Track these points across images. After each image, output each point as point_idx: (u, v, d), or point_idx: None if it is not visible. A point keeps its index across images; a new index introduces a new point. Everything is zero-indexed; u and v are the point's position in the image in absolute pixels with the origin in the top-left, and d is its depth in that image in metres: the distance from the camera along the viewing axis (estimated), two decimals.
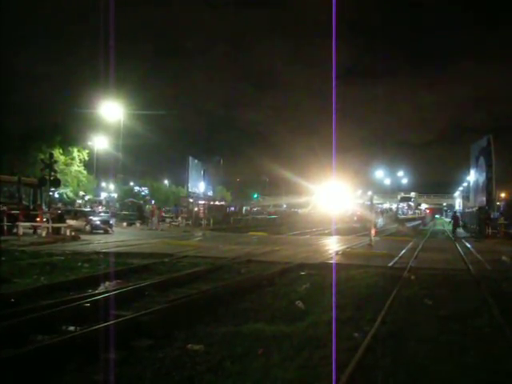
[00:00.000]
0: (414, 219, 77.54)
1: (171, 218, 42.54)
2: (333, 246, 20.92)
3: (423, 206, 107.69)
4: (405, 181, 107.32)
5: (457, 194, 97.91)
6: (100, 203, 50.19)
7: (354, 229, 40.07)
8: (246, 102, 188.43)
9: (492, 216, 31.36)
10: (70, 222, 25.72)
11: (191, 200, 46.99)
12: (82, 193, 50.21)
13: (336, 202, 45.65)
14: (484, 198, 32.97)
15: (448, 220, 58.96)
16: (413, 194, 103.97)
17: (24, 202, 25.25)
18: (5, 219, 21.85)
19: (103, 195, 59.62)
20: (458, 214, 35.34)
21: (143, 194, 76.20)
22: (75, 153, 46.23)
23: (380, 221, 48.34)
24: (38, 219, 23.54)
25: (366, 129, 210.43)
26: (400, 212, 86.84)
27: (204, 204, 46.93)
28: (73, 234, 22.34)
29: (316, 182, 43.32)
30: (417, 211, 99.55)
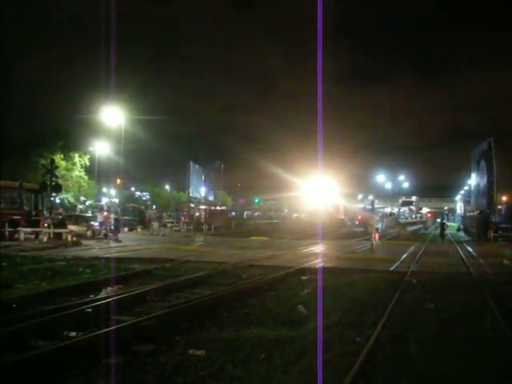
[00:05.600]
0: (415, 223, 77.39)
1: (172, 223, 42.57)
2: (334, 250, 20.88)
3: (424, 210, 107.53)
4: (406, 185, 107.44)
5: (458, 197, 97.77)
6: (102, 208, 50.26)
7: (355, 233, 40.03)
8: (246, 107, 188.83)
9: (494, 219, 31.38)
10: (71, 227, 25.76)
11: (192, 205, 47.01)
12: (83, 198, 50.28)
13: (334, 206, 45.37)
14: (485, 202, 32.98)
15: (449, 223, 59.07)
16: (414, 198, 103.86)
17: (25, 208, 25.27)
18: (6, 225, 21.90)
19: (104, 200, 59.64)
20: (444, 221, 41.05)
21: (144, 199, 76.24)
22: (76, 158, 46.32)
23: (381, 225, 48.11)
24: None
25: (366, 133, 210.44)
26: (401, 216, 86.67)
27: (205, 209, 46.94)
28: (74, 239, 22.35)
29: (316, 186, 43.44)
30: (418, 215, 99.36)
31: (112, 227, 26.71)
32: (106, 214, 27.62)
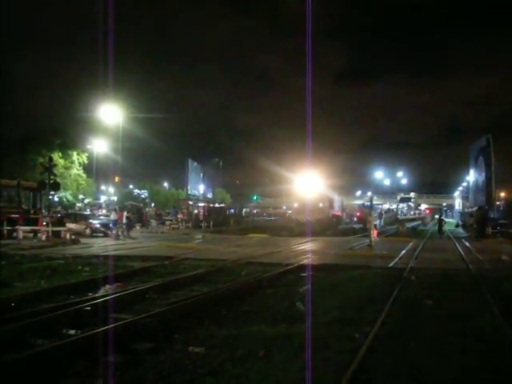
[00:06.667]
0: (414, 220, 77.42)
1: (171, 220, 42.55)
2: (333, 247, 20.89)
3: (423, 207, 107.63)
4: (404, 181, 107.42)
5: (456, 193, 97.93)
6: (100, 206, 50.35)
7: (353, 230, 40.01)
8: (244, 105, 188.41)
9: (492, 215, 31.46)
10: (70, 225, 25.73)
11: (191, 202, 46.98)
12: (81, 196, 50.21)
13: (328, 200, 41.14)
14: (483, 198, 33.01)
15: (447, 220, 59.20)
16: (412, 195, 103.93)
17: (24, 206, 25.24)
18: (5, 223, 21.86)
19: (103, 198, 59.61)
20: (442, 217, 41.70)
21: (143, 196, 76.18)
22: (74, 156, 46.22)
23: (379, 221, 47.99)
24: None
25: (364, 129, 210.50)
26: (400, 212, 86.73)
27: (204, 206, 46.90)
28: (73, 237, 22.33)
29: (308, 180, 39.84)
30: (417, 212, 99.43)
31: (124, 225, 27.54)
32: (119, 212, 28.59)
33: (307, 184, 37.93)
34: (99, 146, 50.41)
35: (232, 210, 58.52)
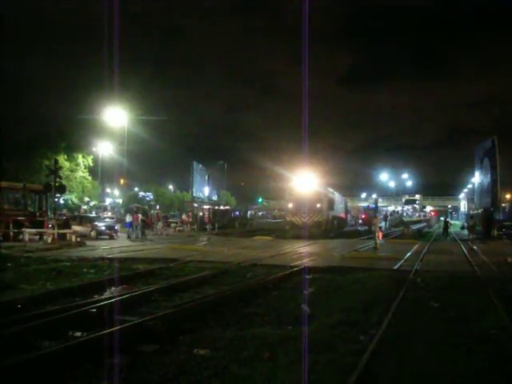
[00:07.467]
0: (419, 222, 77.14)
1: (176, 223, 42.60)
2: (338, 249, 20.87)
3: (428, 209, 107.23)
4: (409, 183, 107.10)
5: (462, 195, 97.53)
6: (105, 208, 50.51)
7: (358, 232, 39.91)
8: (249, 107, 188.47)
9: (498, 217, 31.34)
10: (76, 227, 25.83)
11: (196, 205, 47.01)
12: (86, 199, 50.33)
13: (326, 200, 38.11)
14: (489, 200, 32.86)
15: (453, 222, 59.06)
16: (417, 197, 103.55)
17: (29, 209, 25.36)
18: (11, 226, 21.98)
19: (108, 201, 59.72)
20: (448, 220, 42.38)
21: (148, 199, 76.25)
22: (80, 159, 46.33)
23: (384, 224, 47.80)
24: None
25: (368, 132, 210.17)
26: (405, 214, 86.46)
27: (209, 208, 46.90)
28: (78, 239, 22.42)
29: (312, 181, 37.35)
30: (422, 214, 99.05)
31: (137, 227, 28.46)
32: (135, 215, 29.55)
33: (303, 183, 34.78)
34: (104, 149, 50.59)
35: (237, 213, 58.47)
